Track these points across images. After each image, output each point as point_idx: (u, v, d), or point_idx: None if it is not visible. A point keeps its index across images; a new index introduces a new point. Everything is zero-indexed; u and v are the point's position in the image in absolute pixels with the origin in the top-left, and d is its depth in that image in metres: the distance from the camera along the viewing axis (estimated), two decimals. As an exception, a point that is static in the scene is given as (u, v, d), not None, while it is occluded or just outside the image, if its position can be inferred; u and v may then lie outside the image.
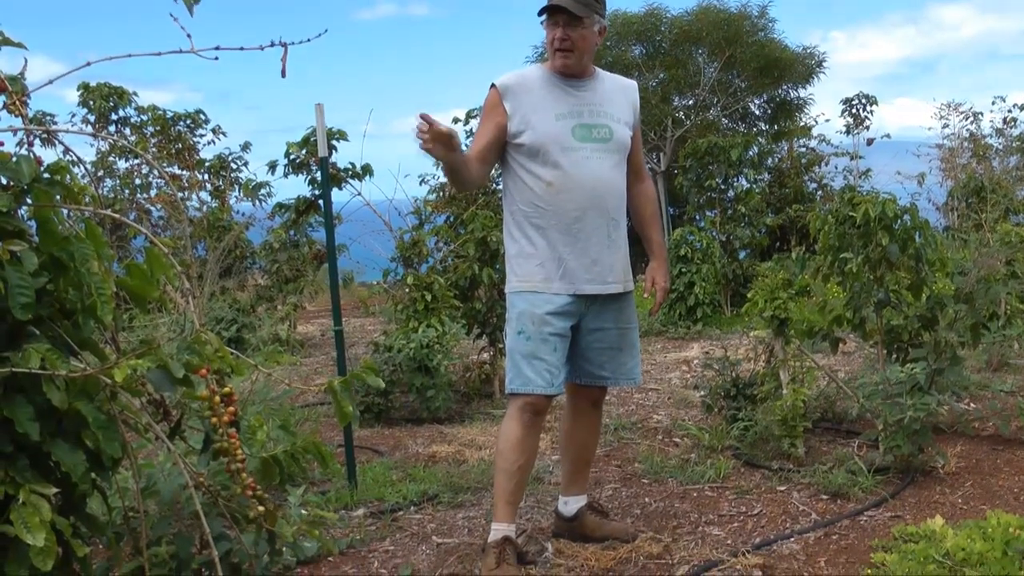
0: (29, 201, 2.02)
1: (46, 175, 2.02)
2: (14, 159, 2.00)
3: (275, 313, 8.95)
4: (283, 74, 1.79)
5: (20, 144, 2.17)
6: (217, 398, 1.99)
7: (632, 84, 3.59)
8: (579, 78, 3.39)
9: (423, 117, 3.02)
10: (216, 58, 1.76)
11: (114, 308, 2.01)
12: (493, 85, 3.35)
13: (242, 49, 1.76)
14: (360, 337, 9.47)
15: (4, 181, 2.01)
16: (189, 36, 1.71)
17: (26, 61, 2.43)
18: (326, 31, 1.83)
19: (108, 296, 1.95)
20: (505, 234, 3.44)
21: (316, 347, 9.72)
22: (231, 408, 2.02)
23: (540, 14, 3.33)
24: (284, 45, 1.77)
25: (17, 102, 2.18)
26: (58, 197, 1.96)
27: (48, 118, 10.98)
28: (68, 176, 2.02)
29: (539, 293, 3.28)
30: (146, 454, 3.54)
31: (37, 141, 3.29)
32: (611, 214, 3.35)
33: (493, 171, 3.67)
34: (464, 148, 3.24)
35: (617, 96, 3.45)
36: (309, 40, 1.81)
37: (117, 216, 1.95)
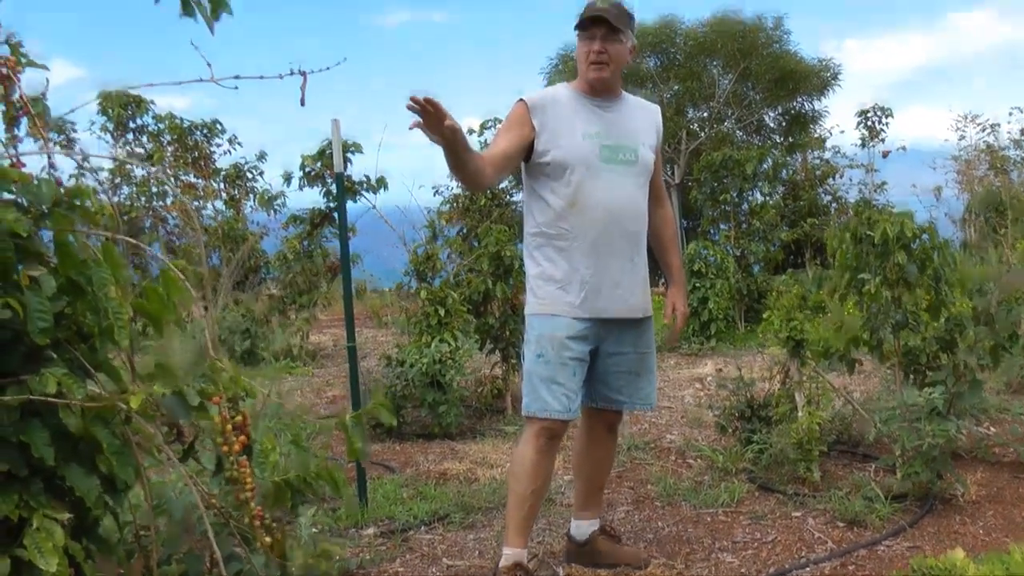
0: (48, 223, 2.02)
1: (66, 199, 2.01)
2: (35, 182, 1.99)
3: (288, 324, 8.95)
4: (302, 102, 1.78)
5: (43, 169, 2.17)
6: (229, 426, 1.97)
7: (656, 107, 3.56)
8: (607, 98, 3.36)
9: (416, 101, 2.79)
10: (236, 87, 1.75)
11: (131, 331, 2.00)
12: (521, 100, 3.30)
13: (262, 78, 1.75)
14: (372, 348, 9.45)
15: (24, 203, 2.00)
16: (209, 65, 1.70)
17: (48, 82, 2.43)
18: (345, 60, 1.81)
19: (125, 321, 1.94)
20: (525, 255, 3.40)
21: (328, 358, 9.71)
22: (242, 437, 2.00)
23: (578, 27, 3.29)
24: (303, 73, 1.76)
25: (39, 124, 2.17)
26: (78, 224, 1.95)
27: (68, 125, 11.04)
28: (88, 200, 2.01)
29: (559, 316, 3.24)
30: (158, 470, 3.53)
31: (56, 148, 3.30)
32: (634, 237, 3.32)
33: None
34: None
35: (642, 118, 3.43)
36: (328, 68, 1.79)
37: (134, 241, 1.94)
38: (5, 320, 1.85)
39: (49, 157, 2.29)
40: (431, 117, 2.81)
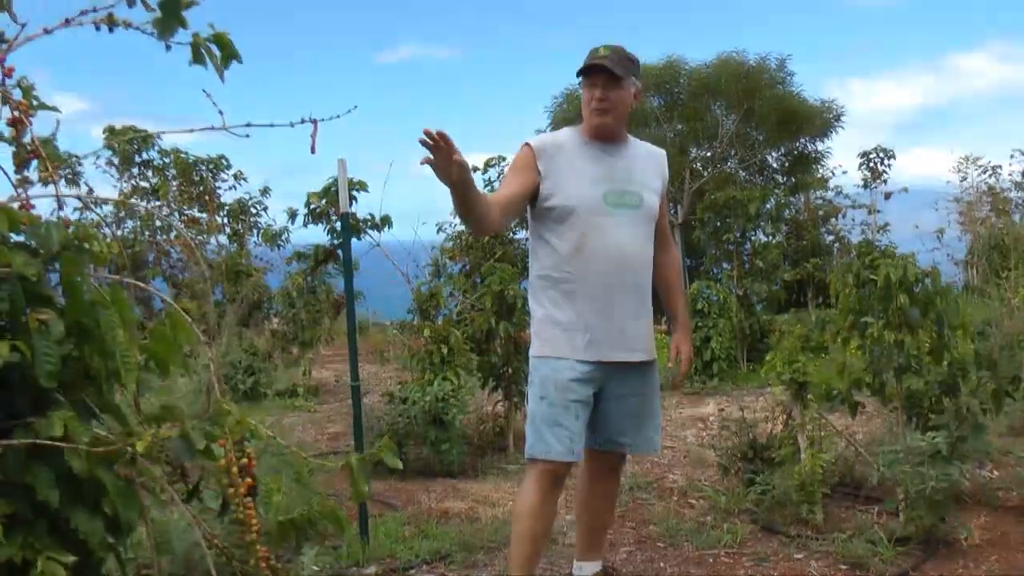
0: (56, 266, 2.04)
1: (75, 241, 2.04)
2: (43, 225, 2.02)
3: (291, 361, 8.98)
4: (312, 150, 1.81)
5: (52, 212, 2.19)
6: (235, 469, 1.98)
7: (661, 152, 3.59)
8: (612, 143, 3.39)
9: (430, 135, 2.78)
10: (247, 135, 1.78)
11: (138, 373, 2.02)
12: (527, 144, 3.33)
13: (272, 125, 1.78)
14: (374, 385, 9.44)
15: (33, 245, 2.03)
16: (221, 113, 1.73)
17: (58, 123, 2.47)
18: (356, 107, 1.84)
19: (132, 364, 1.96)
20: (531, 298, 3.42)
21: (330, 393, 9.71)
22: (248, 480, 2.01)
23: (580, 74, 3.34)
24: (314, 122, 1.79)
25: (50, 168, 2.20)
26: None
27: (73, 158, 11.12)
28: (95, 243, 2.04)
29: (563, 359, 3.25)
30: (159, 508, 3.53)
31: (64, 187, 3.33)
32: (638, 282, 3.34)
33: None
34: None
35: (648, 163, 3.45)
36: (339, 116, 1.82)
37: (142, 285, 1.96)
38: (13, 363, 1.87)
39: (58, 200, 2.31)
40: (441, 152, 2.81)
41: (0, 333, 1.90)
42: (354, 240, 7.44)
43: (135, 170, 12.16)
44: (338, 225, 7.98)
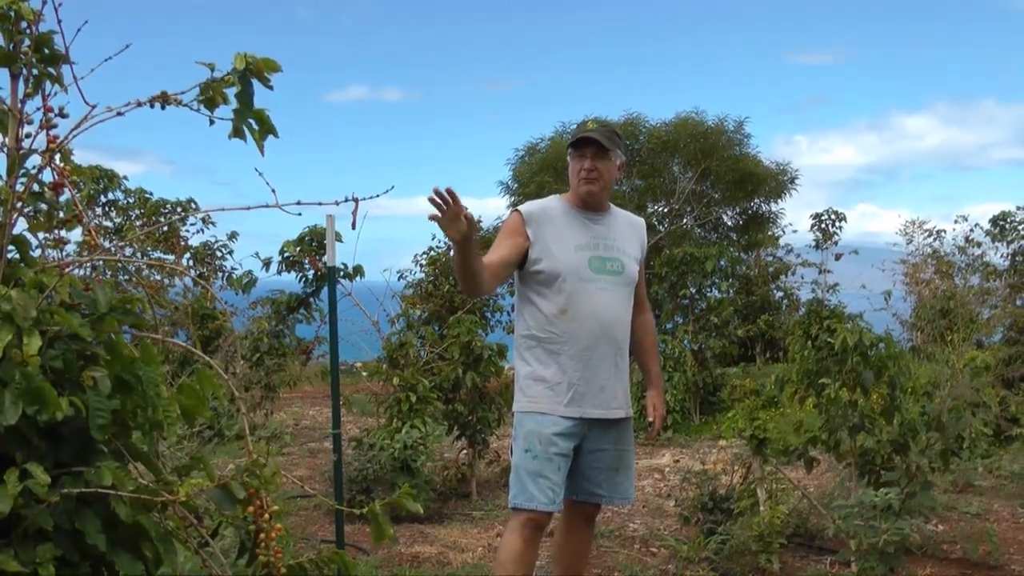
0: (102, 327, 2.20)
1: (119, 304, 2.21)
2: (93, 289, 2.19)
3: (254, 402, 9.03)
4: (353, 226, 2.01)
5: (94, 272, 2.36)
6: (267, 515, 2.14)
7: (641, 221, 3.85)
8: (596, 212, 3.63)
9: (439, 193, 3.07)
10: (299, 213, 1.98)
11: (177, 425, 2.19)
12: (516, 211, 3.58)
13: (320, 204, 1.97)
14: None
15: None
16: (274, 191, 1.92)
17: (84, 184, 2.64)
18: (392, 188, 2.05)
19: (175, 418, 2.12)
20: (516, 356, 3.62)
21: (290, 436, 9.74)
22: (279, 525, 2.17)
23: (570, 146, 3.61)
24: (356, 200, 1.99)
25: (92, 233, 2.37)
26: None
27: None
28: (140, 307, 2.21)
29: (548, 415, 3.45)
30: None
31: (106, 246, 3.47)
32: (618, 343, 3.57)
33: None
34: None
35: (628, 232, 3.70)
36: (378, 196, 2.03)
37: (184, 345, 2.13)
38: (67, 416, 2.03)
39: (92, 265, 2.48)
40: (449, 210, 3.06)
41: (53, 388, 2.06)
42: (325, 288, 7.60)
43: (99, 210, 12.15)
44: (310, 274, 8.22)
